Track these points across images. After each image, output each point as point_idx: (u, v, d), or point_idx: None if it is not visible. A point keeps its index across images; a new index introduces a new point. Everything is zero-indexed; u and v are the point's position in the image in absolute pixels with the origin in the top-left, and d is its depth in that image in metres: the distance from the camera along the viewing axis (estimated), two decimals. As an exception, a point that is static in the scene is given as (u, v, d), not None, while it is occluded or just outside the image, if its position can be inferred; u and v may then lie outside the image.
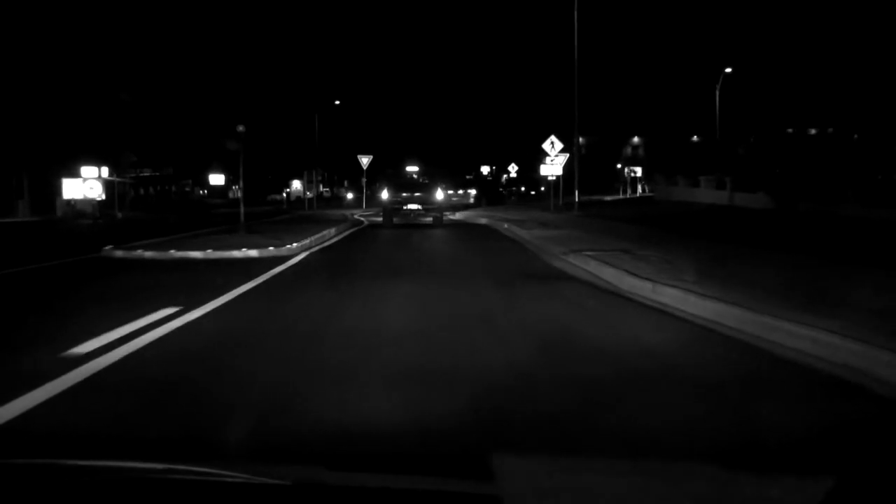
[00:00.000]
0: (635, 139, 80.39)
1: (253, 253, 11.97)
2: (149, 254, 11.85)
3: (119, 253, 11.98)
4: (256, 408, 3.77)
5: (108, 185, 41.79)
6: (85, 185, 40.25)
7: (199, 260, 11.44)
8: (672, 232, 15.69)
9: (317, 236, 15.59)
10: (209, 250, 11.99)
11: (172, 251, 11.92)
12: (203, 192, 77.67)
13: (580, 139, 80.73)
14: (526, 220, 21.17)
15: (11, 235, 21.17)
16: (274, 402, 3.88)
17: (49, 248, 14.77)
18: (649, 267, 9.27)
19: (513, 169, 66.82)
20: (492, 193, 44.88)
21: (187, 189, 78.34)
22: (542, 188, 32.17)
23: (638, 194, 50.87)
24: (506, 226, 20.14)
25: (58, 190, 41.67)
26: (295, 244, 13.18)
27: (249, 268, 10.19)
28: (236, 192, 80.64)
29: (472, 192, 38.81)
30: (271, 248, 12.49)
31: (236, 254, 11.91)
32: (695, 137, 68.72)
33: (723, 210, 26.19)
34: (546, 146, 29.46)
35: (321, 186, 72.94)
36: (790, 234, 15.03)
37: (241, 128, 14.64)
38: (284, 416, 3.64)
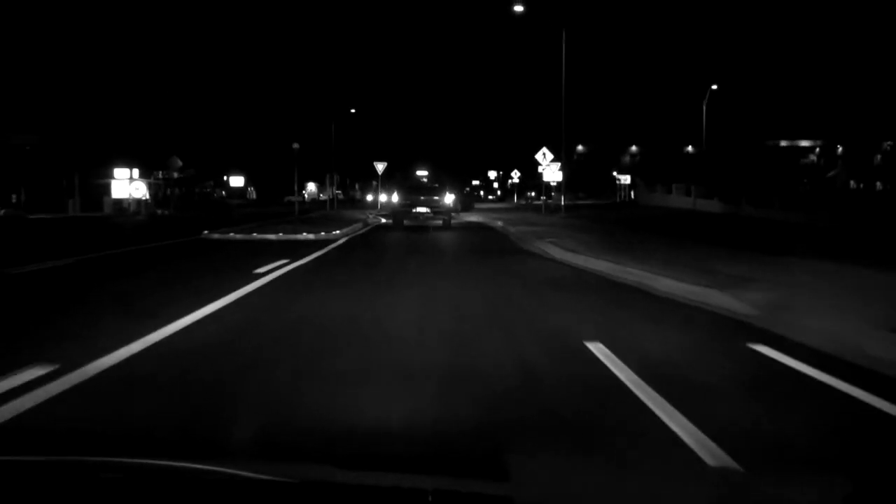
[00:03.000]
0: (633, 148, 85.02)
1: (310, 236, 16.90)
2: (238, 236, 16.80)
3: (216, 235, 16.94)
4: (354, 284, 8.65)
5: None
6: (131, 186, 45.32)
7: (275, 240, 16.35)
8: (625, 228, 20.46)
9: (349, 228, 20.50)
10: (280, 234, 16.96)
11: (254, 234, 16.88)
12: (222, 192, 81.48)
13: (579, 147, 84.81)
14: (517, 221, 25.90)
15: (90, 227, 25.98)
16: (362, 290, 8.74)
17: (146, 235, 19.63)
18: (583, 247, 14.06)
19: (515, 174, 71.64)
20: (464, 201, 51.07)
21: (207, 190, 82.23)
22: (553, 193, 36.68)
23: (626, 199, 55.43)
24: (500, 223, 24.99)
25: (105, 190, 46.63)
26: (337, 231, 18.15)
27: (313, 244, 15.12)
28: (251, 193, 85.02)
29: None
30: (322, 233, 17.45)
31: (299, 237, 16.86)
32: (690, 148, 73.33)
33: (683, 212, 30.91)
34: (538, 157, 33.92)
35: (334, 189, 77.45)
36: (709, 230, 19.75)
37: (295, 145, 19.37)
38: (376, 286, 8.51)
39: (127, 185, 45.38)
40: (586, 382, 4.51)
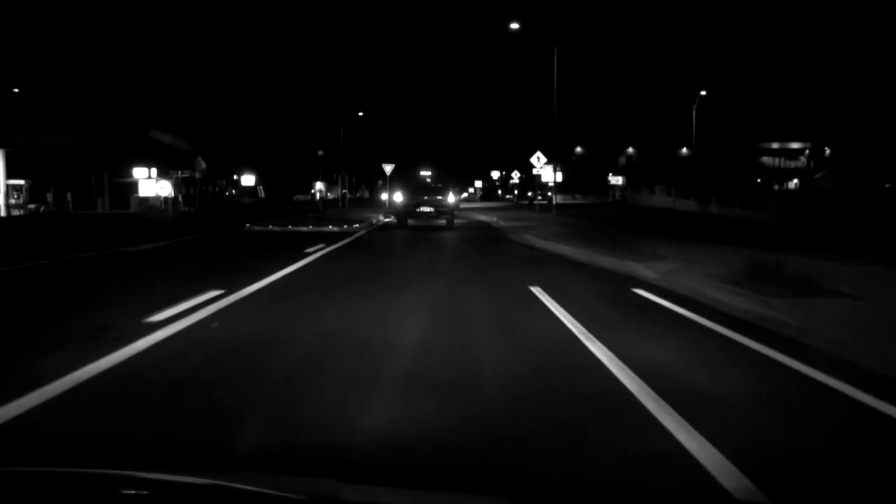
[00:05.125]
0: (630, 150, 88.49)
1: (335, 228, 20.41)
2: (276, 228, 20.31)
3: (258, 227, 20.45)
4: (381, 257, 12.14)
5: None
6: (157, 185, 48.82)
7: (307, 231, 19.84)
8: (601, 223, 23.86)
9: (365, 223, 24.00)
10: (310, 227, 20.45)
11: (289, 227, 20.37)
12: (233, 191, 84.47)
13: (578, 149, 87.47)
14: (510, 218, 29.37)
15: (137, 222, 29.43)
16: (382, 259, 12.21)
17: (195, 227, 23.09)
18: (557, 237, 17.51)
19: (516, 175, 75.19)
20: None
21: (217, 189, 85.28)
22: (548, 192, 40.02)
23: (617, 199, 58.72)
24: (494, 219, 28.47)
25: (132, 188, 50.09)
26: (357, 225, 21.67)
27: (340, 235, 18.63)
28: (260, 191, 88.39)
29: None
30: (345, 226, 20.96)
31: (325, 229, 20.36)
32: (684, 150, 76.71)
33: (661, 211, 34.29)
34: (533, 160, 37.31)
35: (341, 189, 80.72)
36: (670, 225, 23.13)
37: (320, 152, 22.80)
38: (392, 254, 11.98)
39: (153, 184, 48.88)
40: (524, 302, 7.94)
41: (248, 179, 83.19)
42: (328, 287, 8.84)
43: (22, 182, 42.84)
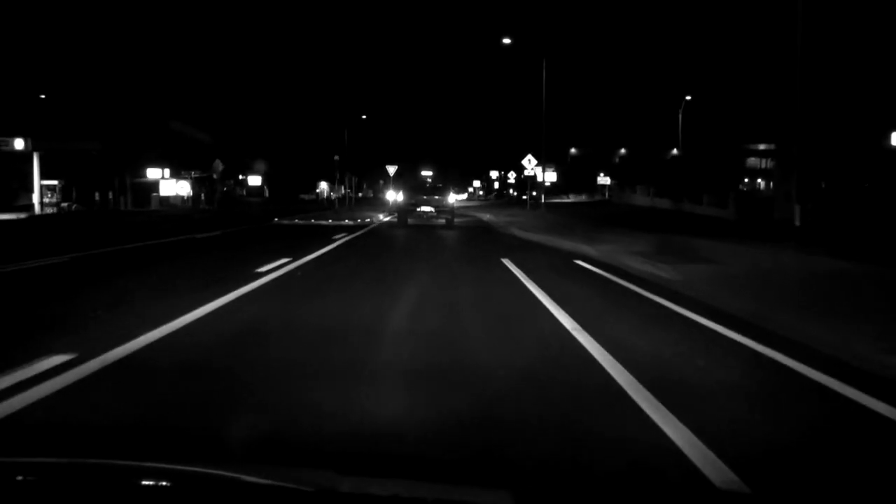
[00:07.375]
0: (622, 150, 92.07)
1: (351, 223, 24.09)
2: (301, 222, 24.00)
3: (285, 221, 24.14)
4: (396, 240, 15.84)
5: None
6: (177, 185, 52.45)
7: (328, 224, 23.48)
8: (579, 219, 27.52)
9: (375, 217, 27.65)
10: (330, 220, 24.16)
11: (312, 220, 24.04)
12: (242, 191, 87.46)
13: (573, 150, 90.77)
14: (502, 215, 33.03)
15: (170, 218, 32.95)
16: (394, 243, 15.91)
17: (230, 221, 26.67)
18: (535, 229, 21.18)
19: (512, 175, 78.84)
20: None
21: (226, 189, 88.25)
22: (542, 192, 43.42)
23: (606, 198, 62.15)
24: (488, 216, 32.15)
25: (152, 188, 53.64)
26: (368, 220, 25.37)
27: (355, 227, 22.30)
28: (265, 191, 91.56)
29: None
30: (358, 220, 24.69)
31: (343, 223, 24.03)
32: (675, 151, 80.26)
33: (639, 208, 37.87)
34: (524, 162, 40.92)
35: (344, 189, 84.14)
36: (636, 220, 26.75)
37: (336, 157, 26.45)
38: (402, 242, 15.68)
39: (174, 184, 52.52)
40: (496, 269, 11.58)
41: (254, 179, 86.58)
42: (361, 257, 12.57)
43: (55, 182, 46.31)
